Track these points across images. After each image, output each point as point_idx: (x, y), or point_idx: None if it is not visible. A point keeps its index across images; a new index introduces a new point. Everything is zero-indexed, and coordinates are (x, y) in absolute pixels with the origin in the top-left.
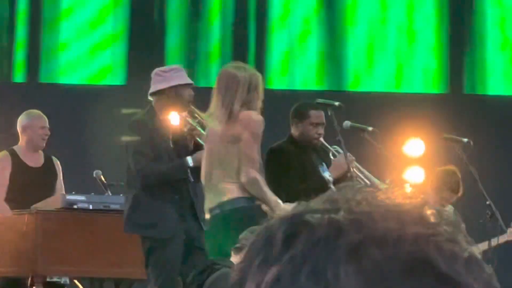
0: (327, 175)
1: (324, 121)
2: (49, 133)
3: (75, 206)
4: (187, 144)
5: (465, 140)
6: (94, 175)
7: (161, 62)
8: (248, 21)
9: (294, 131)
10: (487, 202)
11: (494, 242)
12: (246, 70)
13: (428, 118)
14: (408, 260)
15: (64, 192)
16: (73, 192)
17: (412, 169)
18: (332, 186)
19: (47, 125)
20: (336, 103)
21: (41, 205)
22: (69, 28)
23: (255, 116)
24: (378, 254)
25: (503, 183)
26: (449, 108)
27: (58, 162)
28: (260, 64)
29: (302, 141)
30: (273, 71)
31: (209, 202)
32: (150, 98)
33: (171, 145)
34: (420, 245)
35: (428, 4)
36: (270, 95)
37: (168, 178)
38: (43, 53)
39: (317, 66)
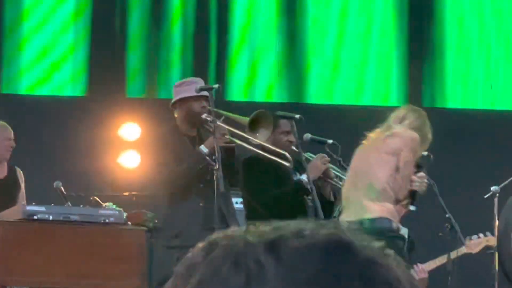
0: (304, 177)
1: (294, 129)
2: (14, 144)
3: (35, 217)
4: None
5: (425, 153)
6: (54, 186)
7: (121, 72)
8: (209, 31)
9: (267, 143)
10: (447, 215)
11: (453, 255)
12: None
13: None
14: (327, 246)
15: (25, 202)
16: (33, 203)
17: None
18: (311, 187)
19: (12, 136)
20: (296, 116)
21: (1, 216)
22: (30, 39)
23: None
24: (297, 244)
25: (462, 196)
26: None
27: (22, 173)
28: (221, 75)
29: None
30: (234, 82)
31: (348, 216)
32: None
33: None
34: (337, 235)
35: (388, 16)
36: (231, 106)
37: (189, 173)
38: (4, 64)
39: (277, 78)
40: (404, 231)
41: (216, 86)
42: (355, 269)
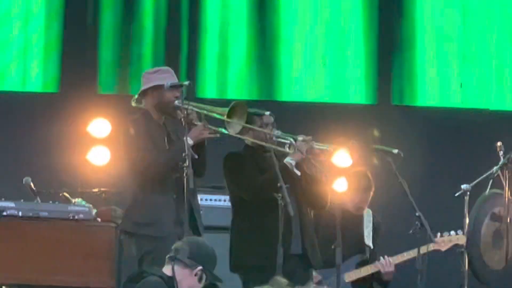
0: (289, 159)
1: (272, 121)
2: None
3: (4, 213)
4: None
5: (395, 151)
6: (24, 182)
7: (93, 68)
8: (180, 26)
9: (247, 139)
10: (417, 214)
11: (422, 250)
12: None
13: (357, 128)
14: None
15: None
16: (2, 199)
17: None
18: (295, 170)
19: None
20: (267, 112)
21: None
22: (1, 34)
23: None
24: None
25: (433, 195)
26: (378, 119)
27: None
28: (192, 72)
29: (257, 146)
30: (205, 79)
31: None
32: (134, 103)
33: (166, 145)
34: None
35: (358, 13)
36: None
37: (172, 163)
38: None
39: (248, 75)
40: (368, 213)
41: (186, 82)
42: None
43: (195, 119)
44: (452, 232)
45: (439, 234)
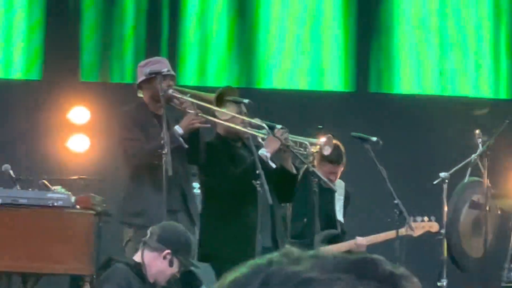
0: (264, 151)
1: (245, 110)
2: None
3: None
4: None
5: (374, 139)
6: (3, 169)
7: (75, 56)
8: (161, 13)
9: (219, 128)
10: (395, 201)
11: (392, 234)
12: None
13: (335, 116)
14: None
15: None
16: None
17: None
18: (270, 163)
19: None
20: (245, 100)
21: None
22: None
23: None
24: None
25: (411, 182)
26: (356, 106)
27: None
28: (173, 59)
29: (229, 135)
30: (186, 66)
31: None
32: (139, 94)
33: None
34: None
35: (336, 3)
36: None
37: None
38: None
39: (228, 63)
40: (340, 185)
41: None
42: None
43: (189, 107)
44: (425, 218)
45: (412, 218)
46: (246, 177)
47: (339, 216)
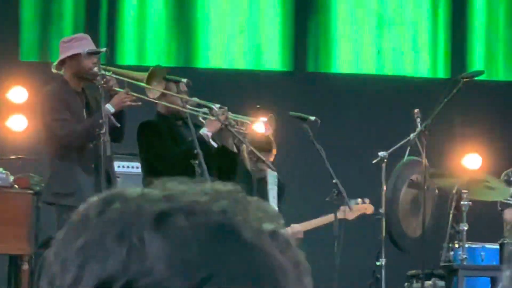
0: (205, 131)
1: (186, 89)
2: None
3: None
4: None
5: (312, 118)
6: None
7: (15, 35)
8: None
9: (160, 107)
10: (334, 181)
11: (327, 219)
12: None
13: (273, 95)
14: (215, 229)
15: None
16: None
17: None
18: (211, 142)
19: None
20: (184, 80)
21: None
22: None
23: None
24: (184, 222)
25: (350, 162)
26: (294, 86)
27: None
28: (112, 37)
29: (170, 114)
30: (124, 45)
31: None
32: (55, 70)
33: (85, 115)
34: (227, 216)
35: None
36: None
37: (92, 131)
38: None
39: (166, 42)
40: (273, 175)
41: (104, 49)
42: (239, 255)
43: (115, 85)
44: (359, 200)
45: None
46: (185, 156)
47: (273, 205)
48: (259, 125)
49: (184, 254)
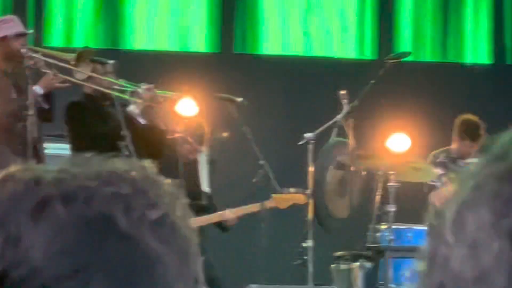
0: (132, 109)
1: (113, 70)
2: None
3: None
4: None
5: (239, 99)
6: None
7: None
8: None
9: (88, 89)
10: (261, 162)
11: (259, 206)
12: None
13: (201, 77)
14: (93, 218)
15: None
16: None
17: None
18: (139, 120)
19: None
20: (110, 61)
21: None
22: None
23: None
24: (63, 211)
25: (277, 143)
26: (221, 67)
27: None
28: (39, 19)
29: (97, 94)
30: (52, 27)
31: None
32: None
33: (14, 96)
34: (108, 204)
35: None
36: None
37: (20, 112)
38: None
39: (94, 24)
40: (204, 154)
41: (31, 30)
42: (115, 245)
43: (43, 67)
44: (292, 189)
45: (278, 191)
46: (112, 137)
47: (205, 187)
48: (187, 103)
49: (60, 243)
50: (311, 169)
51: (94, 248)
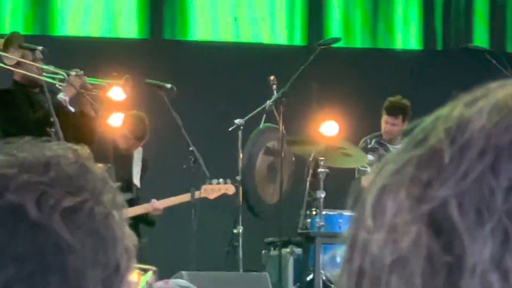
0: (62, 95)
1: (42, 57)
2: None
3: None
4: None
5: (169, 85)
6: None
7: None
8: None
9: (17, 75)
10: (190, 148)
11: (187, 197)
12: None
13: (130, 63)
14: (5, 207)
15: None
16: None
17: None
18: (69, 107)
19: None
20: (39, 47)
21: None
22: None
23: None
24: None
25: (207, 129)
26: (150, 53)
27: None
28: None
29: (26, 82)
30: None
31: None
32: None
33: None
34: (21, 193)
35: None
36: None
37: None
38: None
39: (21, 9)
40: (138, 151)
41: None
42: (26, 235)
43: None
44: (221, 180)
45: (208, 181)
46: (42, 123)
47: (136, 181)
48: (116, 89)
49: None
50: (240, 155)
51: (5, 238)
